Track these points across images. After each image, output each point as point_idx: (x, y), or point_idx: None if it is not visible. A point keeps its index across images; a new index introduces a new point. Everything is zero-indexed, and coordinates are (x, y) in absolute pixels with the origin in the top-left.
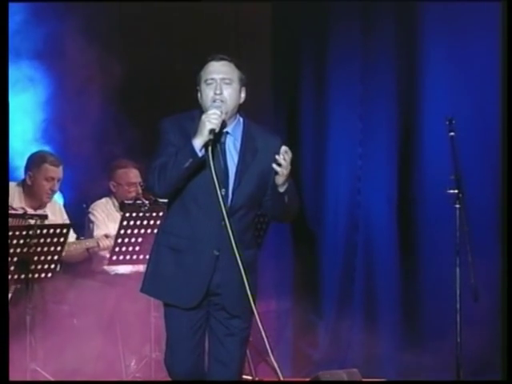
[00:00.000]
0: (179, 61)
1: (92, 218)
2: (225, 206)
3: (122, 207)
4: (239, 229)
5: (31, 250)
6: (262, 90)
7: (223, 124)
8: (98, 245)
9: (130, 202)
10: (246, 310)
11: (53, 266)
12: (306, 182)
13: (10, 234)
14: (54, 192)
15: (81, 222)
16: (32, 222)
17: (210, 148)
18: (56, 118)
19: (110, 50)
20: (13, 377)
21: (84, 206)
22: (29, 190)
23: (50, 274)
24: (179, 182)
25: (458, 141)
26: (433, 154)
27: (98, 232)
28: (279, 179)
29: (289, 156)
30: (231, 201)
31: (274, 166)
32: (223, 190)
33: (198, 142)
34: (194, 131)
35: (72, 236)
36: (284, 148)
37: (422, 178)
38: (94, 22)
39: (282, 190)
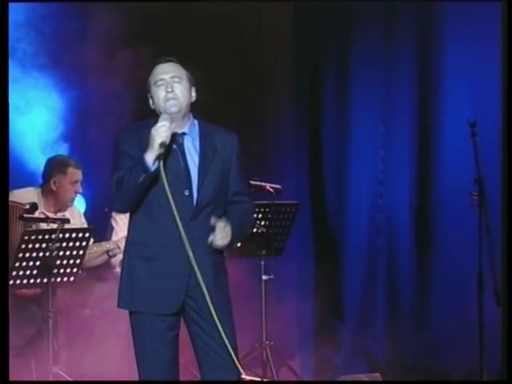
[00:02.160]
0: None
1: (113, 223)
2: (190, 207)
3: None
4: (207, 228)
5: (53, 254)
6: (284, 94)
7: (179, 125)
8: (119, 247)
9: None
10: (222, 309)
11: (75, 270)
12: (327, 186)
13: (33, 238)
14: (77, 194)
15: (101, 226)
16: (54, 226)
17: (161, 162)
18: (75, 120)
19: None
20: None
21: (106, 209)
22: (53, 195)
23: (72, 278)
24: (136, 196)
25: (480, 144)
26: (454, 158)
27: (116, 238)
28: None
29: (225, 233)
30: (196, 200)
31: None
32: (187, 190)
33: (149, 157)
34: (148, 140)
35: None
36: (220, 225)
37: (444, 182)
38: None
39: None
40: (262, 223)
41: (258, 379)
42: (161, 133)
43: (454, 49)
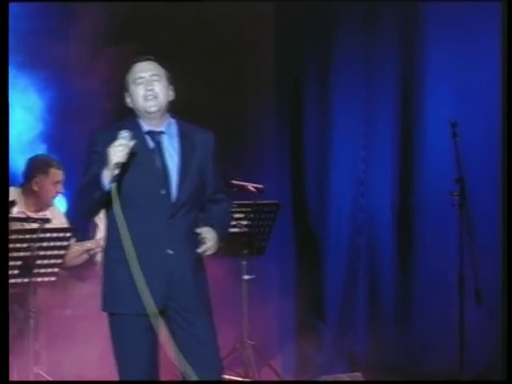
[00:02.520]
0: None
1: (97, 220)
2: (167, 205)
3: None
4: (186, 226)
5: (34, 254)
6: (265, 95)
7: (158, 123)
8: (100, 245)
9: None
10: (203, 308)
11: (56, 270)
12: (309, 186)
13: (14, 237)
14: (58, 194)
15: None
16: (35, 225)
17: (114, 184)
18: (55, 119)
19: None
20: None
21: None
22: (34, 194)
23: (53, 278)
24: (95, 208)
25: (461, 144)
26: (436, 158)
27: (100, 235)
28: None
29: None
30: (176, 198)
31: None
32: (163, 189)
33: (106, 175)
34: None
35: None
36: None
37: (425, 182)
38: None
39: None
40: (244, 223)
41: (240, 379)
42: (117, 152)
43: (436, 49)
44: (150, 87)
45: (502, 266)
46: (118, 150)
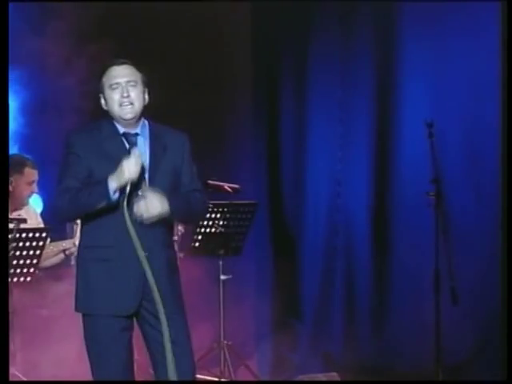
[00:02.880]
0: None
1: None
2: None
3: None
4: (161, 226)
5: (10, 254)
6: (242, 95)
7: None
8: (75, 245)
9: None
10: (177, 309)
11: (32, 270)
12: (286, 186)
13: None
14: (33, 194)
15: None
16: (11, 226)
17: (125, 201)
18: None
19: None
20: None
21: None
22: (9, 194)
23: (29, 278)
24: (89, 212)
25: (438, 144)
26: (412, 158)
27: (78, 234)
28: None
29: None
30: None
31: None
32: (139, 190)
33: (113, 185)
34: (103, 140)
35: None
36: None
37: (402, 182)
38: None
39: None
40: (221, 223)
41: (216, 379)
42: (132, 168)
43: (412, 49)
44: (125, 94)
45: (502, 267)
46: (133, 166)
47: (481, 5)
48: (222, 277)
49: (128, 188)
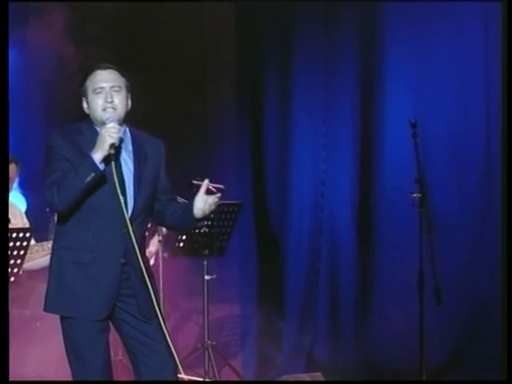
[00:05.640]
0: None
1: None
2: (126, 213)
3: None
4: (142, 234)
5: None
6: (226, 94)
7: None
8: None
9: None
10: (155, 310)
11: (15, 270)
12: (270, 186)
13: None
14: (10, 190)
15: (43, 226)
16: None
17: (113, 162)
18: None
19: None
20: None
21: (48, 209)
22: None
23: (12, 278)
24: (80, 195)
25: (422, 144)
26: (396, 158)
27: None
28: (199, 213)
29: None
30: (132, 207)
31: (198, 203)
32: (123, 198)
33: (97, 156)
34: (84, 144)
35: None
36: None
37: (386, 182)
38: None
39: (198, 220)
40: (205, 223)
41: (200, 379)
42: (112, 133)
43: (396, 50)
44: (109, 99)
45: (502, 267)
46: (113, 132)
47: (465, 4)
48: (207, 277)
49: (113, 152)
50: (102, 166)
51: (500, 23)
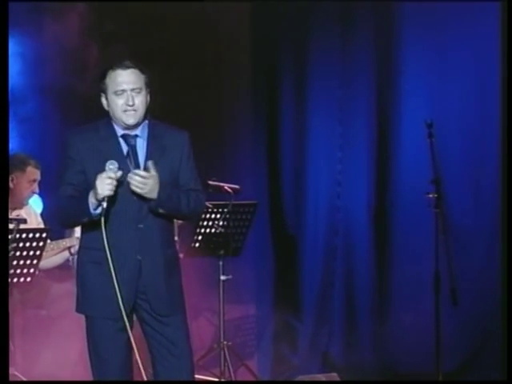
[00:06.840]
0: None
1: None
2: (140, 209)
3: None
4: (158, 228)
5: (10, 255)
6: (242, 94)
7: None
8: (76, 242)
9: None
10: (175, 310)
11: (32, 271)
12: (286, 186)
13: None
14: (34, 194)
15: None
16: (11, 226)
17: (103, 219)
18: (32, 117)
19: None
20: None
21: None
22: (9, 192)
23: (29, 279)
24: (81, 223)
25: (438, 145)
26: (412, 159)
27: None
28: None
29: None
30: (144, 203)
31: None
32: (135, 194)
33: (92, 201)
34: (99, 142)
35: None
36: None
37: (401, 183)
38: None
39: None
40: (220, 223)
41: (216, 379)
42: (105, 185)
43: (412, 50)
44: (131, 102)
45: (502, 264)
46: (107, 184)
47: (482, 5)
48: (222, 277)
49: (105, 204)
50: (96, 212)
51: (500, 23)
